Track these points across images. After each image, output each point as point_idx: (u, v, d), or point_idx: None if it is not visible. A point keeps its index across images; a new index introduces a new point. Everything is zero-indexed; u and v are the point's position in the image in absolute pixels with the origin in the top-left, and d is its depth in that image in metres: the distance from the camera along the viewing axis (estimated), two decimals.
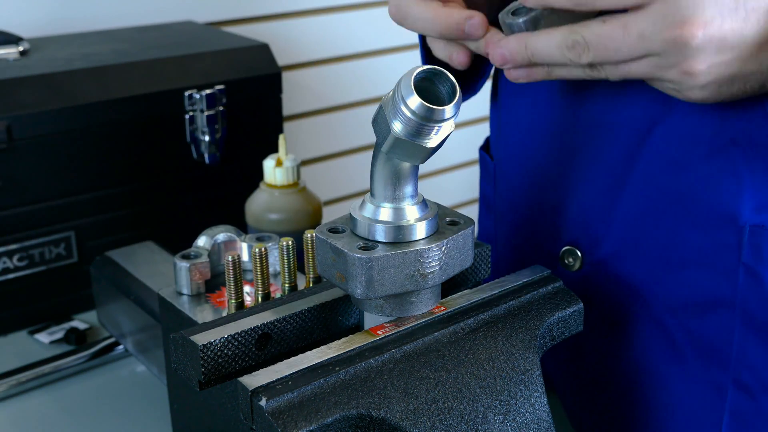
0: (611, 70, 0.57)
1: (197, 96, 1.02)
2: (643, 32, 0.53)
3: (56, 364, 0.88)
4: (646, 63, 0.55)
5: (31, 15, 1.19)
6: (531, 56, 0.59)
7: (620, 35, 0.54)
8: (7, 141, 0.92)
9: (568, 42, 0.56)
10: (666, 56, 0.54)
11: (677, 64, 0.54)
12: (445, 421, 0.53)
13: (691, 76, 0.54)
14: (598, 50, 0.55)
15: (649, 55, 0.54)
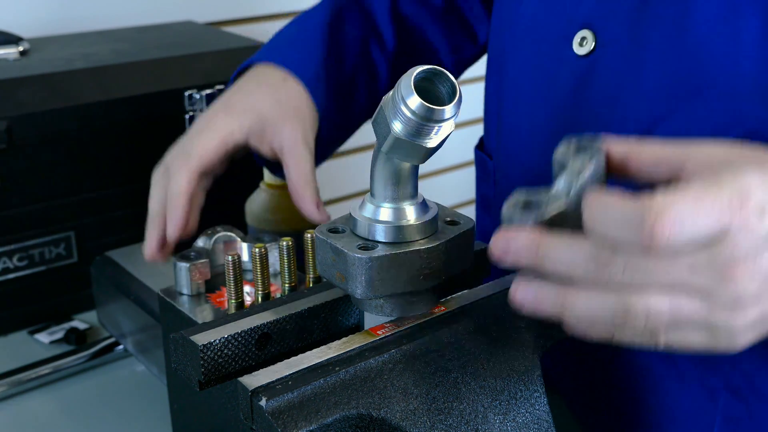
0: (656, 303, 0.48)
1: (197, 96, 1.02)
2: (696, 264, 0.47)
3: (56, 364, 0.88)
4: (697, 302, 0.48)
5: (31, 15, 1.19)
6: (543, 258, 0.49)
7: (668, 261, 0.47)
8: (7, 141, 0.92)
9: (602, 255, 0.47)
10: (719, 294, 0.47)
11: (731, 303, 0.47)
12: (445, 421, 0.53)
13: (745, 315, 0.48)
14: (636, 272, 0.47)
15: (694, 292, 0.47)
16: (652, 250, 0.46)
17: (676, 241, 0.46)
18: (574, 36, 0.67)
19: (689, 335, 0.49)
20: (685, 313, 0.48)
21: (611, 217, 0.47)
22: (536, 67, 0.72)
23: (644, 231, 0.45)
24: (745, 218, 0.46)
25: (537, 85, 0.72)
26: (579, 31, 0.67)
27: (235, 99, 0.81)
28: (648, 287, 0.47)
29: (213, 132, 0.78)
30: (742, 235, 0.46)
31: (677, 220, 0.45)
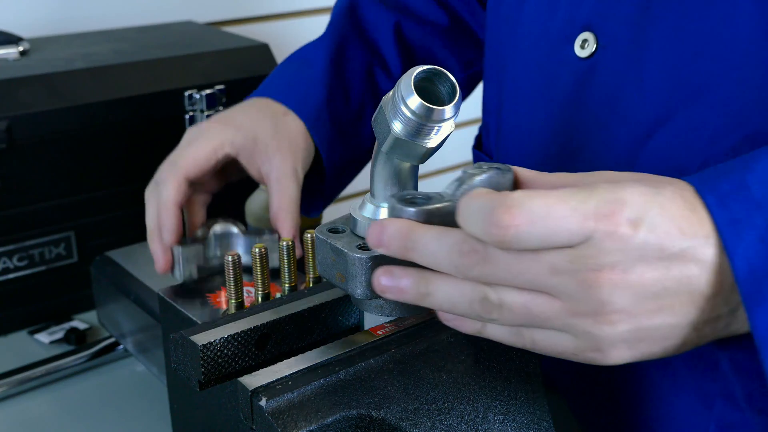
0: (510, 298, 0.48)
1: (197, 96, 1.02)
2: (556, 264, 0.47)
3: (56, 364, 0.88)
4: (555, 303, 0.48)
5: (31, 15, 1.19)
6: (410, 248, 0.50)
7: (529, 258, 0.47)
8: (7, 141, 0.91)
9: (465, 246, 0.48)
10: (578, 299, 0.47)
11: (591, 311, 0.47)
12: (445, 421, 0.53)
13: (609, 326, 0.47)
14: (497, 266, 0.47)
15: (557, 293, 0.47)
16: (499, 243, 0.46)
17: (525, 236, 0.46)
18: (576, 38, 0.67)
19: (554, 337, 0.49)
20: (539, 311, 0.48)
21: (471, 208, 0.47)
22: (537, 69, 0.72)
23: (491, 221, 0.46)
24: (613, 227, 0.46)
25: (537, 87, 0.72)
26: (580, 33, 0.67)
27: (234, 114, 0.82)
28: (505, 282, 0.48)
29: (204, 141, 0.79)
30: (609, 243, 0.46)
31: (528, 215, 0.46)
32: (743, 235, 0.46)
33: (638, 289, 0.47)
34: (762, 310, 0.46)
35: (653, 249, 0.46)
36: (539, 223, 0.46)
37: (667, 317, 0.48)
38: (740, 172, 0.48)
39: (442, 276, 0.49)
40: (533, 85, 0.73)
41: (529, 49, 0.73)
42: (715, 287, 0.48)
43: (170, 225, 0.76)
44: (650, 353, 0.49)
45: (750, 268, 0.46)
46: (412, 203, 0.51)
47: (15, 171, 0.93)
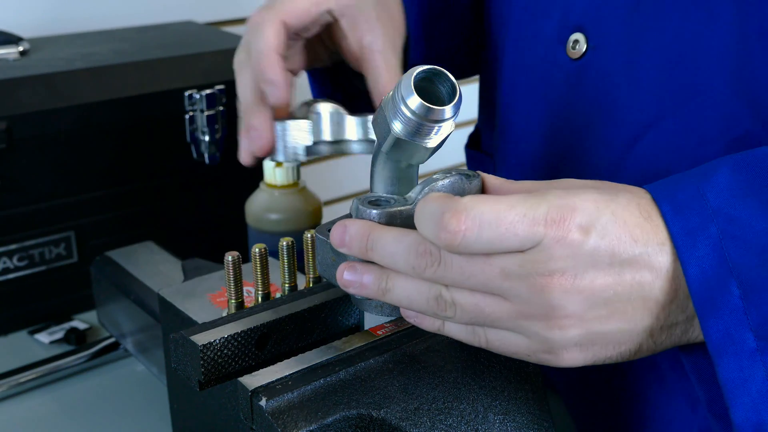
0: (462, 298, 0.49)
1: (197, 96, 1.02)
2: (507, 268, 0.47)
3: (56, 364, 0.88)
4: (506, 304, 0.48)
5: (31, 15, 1.19)
6: (370, 249, 0.51)
7: (481, 261, 0.48)
8: (7, 141, 0.91)
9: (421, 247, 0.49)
10: (528, 302, 0.48)
11: (542, 313, 0.48)
12: (445, 421, 0.53)
13: (559, 330, 0.48)
14: (450, 268, 0.48)
15: (508, 296, 0.48)
16: (448, 247, 0.47)
17: (473, 241, 0.46)
18: (567, 39, 0.68)
19: (507, 337, 0.50)
20: (490, 311, 0.49)
21: (424, 212, 0.48)
22: (529, 69, 0.72)
23: (440, 226, 0.47)
24: (562, 232, 0.46)
25: (531, 87, 0.72)
26: (572, 34, 0.67)
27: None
28: (458, 284, 0.49)
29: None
30: (559, 249, 0.46)
31: (475, 220, 0.46)
32: (698, 244, 0.47)
33: (589, 295, 0.47)
34: (715, 320, 0.47)
35: (604, 255, 0.47)
36: (487, 228, 0.46)
37: (620, 323, 0.48)
38: (697, 182, 0.48)
39: (401, 273, 0.51)
40: (526, 86, 0.73)
41: (522, 50, 0.73)
42: (670, 294, 0.48)
43: (276, 78, 0.64)
44: (605, 357, 0.50)
45: (703, 278, 0.47)
46: (376, 205, 0.53)
47: (15, 171, 0.93)
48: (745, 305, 0.46)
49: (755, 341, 0.46)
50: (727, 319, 0.47)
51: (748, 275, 0.46)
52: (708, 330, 0.47)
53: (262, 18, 0.65)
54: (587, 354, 0.49)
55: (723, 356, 0.47)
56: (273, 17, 0.65)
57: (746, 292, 0.46)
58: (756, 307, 0.46)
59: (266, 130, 0.65)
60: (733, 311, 0.47)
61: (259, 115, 0.65)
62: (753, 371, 0.47)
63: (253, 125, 0.66)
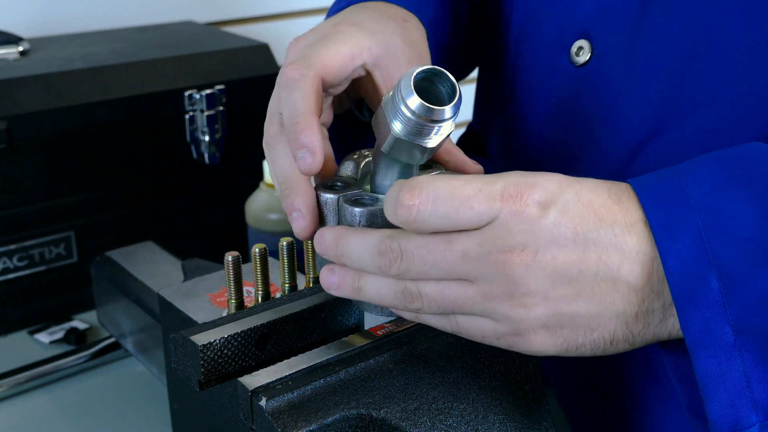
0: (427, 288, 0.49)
1: (197, 96, 1.02)
2: (468, 250, 0.47)
3: (56, 364, 0.88)
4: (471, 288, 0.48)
5: (31, 15, 1.19)
6: (341, 255, 0.52)
7: (441, 249, 0.48)
8: (7, 141, 0.91)
9: (382, 246, 0.50)
10: (492, 282, 0.47)
11: (506, 292, 0.47)
12: (445, 421, 0.53)
13: (524, 309, 0.47)
14: (412, 261, 0.48)
15: (472, 279, 0.48)
16: (404, 223, 0.48)
17: (428, 215, 0.47)
18: (571, 45, 0.67)
19: (476, 321, 0.50)
20: (455, 297, 0.49)
21: (387, 195, 0.49)
22: (532, 76, 0.72)
23: (397, 202, 0.48)
24: (519, 206, 0.46)
25: (534, 92, 0.72)
26: (576, 40, 0.67)
27: (362, 18, 0.65)
28: (422, 275, 0.49)
29: (341, 42, 0.61)
30: (516, 223, 0.46)
31: (430, 195, 0.47)
32: (678, 237, 0.46)
33: (552, 271, 0.47)
34: (693, 313, 0.46)
35: (566, 231, 0.46)
36: (442, 202, 0.47)
37: (588, 304, 0.47)
38: (680, 175, 0.48)
39: (369, 273, 0.52)
40: (528, 92, 0.73)
41: (525, 56, 0.73)
42: (642, 278, 0.47)
43: (315, 144, 0.55)
44: (576, 344, 0.49)
45: (683, 270, 0.46)
46: (360, 204, 0.53)
47: (15, 171, 0.93)
48: (724, 299, 0.46)
49: (733, 336, 0.46)
50: (706, 313, 0.46)
51: (729, 269, 0.46)
52: (686, 323, 0.46)
53: (297, 73, 0.58)
54: (557, 339, 0.48)
55: (700, 350, 0.46)
56: (309, 73, 0.58)
57: (726, 286, 0.46)
58: (736, 301, 0.46)
59: (310, 212, 0.56)
60: (712, 304, 0.46)
61: (302, 194, 0.56)
62: (730, 366, 0.46)
63: (294, 207, 0.56)
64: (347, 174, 0.58)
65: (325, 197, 0.55)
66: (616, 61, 0.64)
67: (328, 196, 0.55)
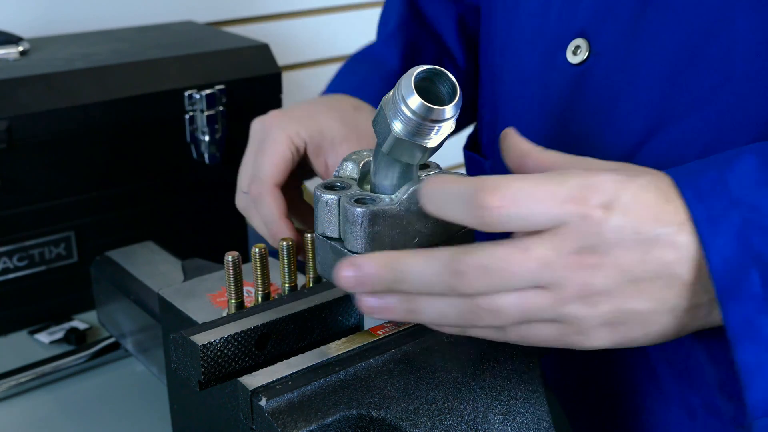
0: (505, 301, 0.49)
1: (197, 96, 1.02)
2: (545, 257, 0.47)
3: (56, 364, 0.88)
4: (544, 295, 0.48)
5: (31, 15, 1.19)
6: (398, 281, 0.50)
7: (520, 258, 0.48)
8: (7, 141, 0.91)
9: (457, 266, 0.48)
10: (565, 286, 0.48)
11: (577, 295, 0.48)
12: (445, 421, 0.53)
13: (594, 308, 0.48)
14: (492, 276, 0.48)
15: (546, 285, 0.48)
16: (483, 224, 0.48)
17: (507, 217, 0.47)
18: (569, 44, 0.67)
19: (538, 328, 0.50)
20: (534, 308, 0.49)
21: (446, 194, 0.49)
22: (530, 74, 0.72)
23: (476, 203, 0.47)
24: (586, 211, 0.47)
25: (531, 92, 0.72)
26: (573, 39, 0.67)
27: (296, 108, 0.79)
28: (503, 288, 0.48)
29: (272, 144, 0.75)
30: (585, 227, 0.47)
31: (509, 196, 0.47)
32: (719, 231, 0.47)
33: (618, 272, 0.48)
34: (735, 304, 0.47)
35: (629, 232, 0.47)
36: (522, 204, 0.47)
37: (648, 302, 0.49)
38: (720, 169, 0.49)
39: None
40: (526, 91, 0.73)
41: (522, 54, 0.73)
42: (693, 274, 0.48)
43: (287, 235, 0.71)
44: (631, 338, 0.50)
45: (725, 264, 0.47)
46: (362, 203, 0.53)
47: (15, 171, 0.93)
48: (765, 293, 0.47)
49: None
50: (747, 306, 0.47)
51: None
52: (727, 315, 0.47)
53: (257, 192, 0.74)
54: (615, 335, 0.50)
55: (741, 342, 0.47)
56: (266, 189, 0.73)
57: (767, 281, 0.47)
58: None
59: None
60: (753, 298, 0.47)
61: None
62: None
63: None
64: (347, 174, 0.59)
65: (325, 197, 0.55)
66: (614, 59, 0.64)
67: (328, 197, 0.55)
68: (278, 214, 0.72)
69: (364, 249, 0.53)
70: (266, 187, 0.74)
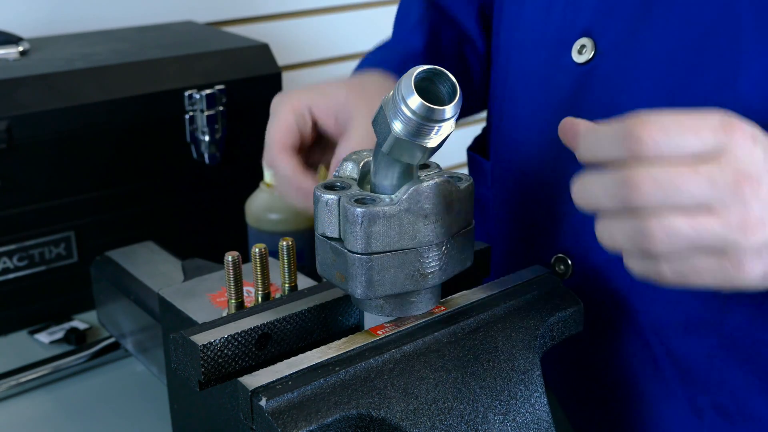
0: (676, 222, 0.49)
1: (197, 96, 1.02)
2: (714, 176, 0.48)
3: (56, 364, 0.88)
4: (712, 218, 0.49)
5: (31, 15, 1.19)
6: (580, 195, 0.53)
7: (689, 175, 0.48)
8: (7, 141, 0.91)
9: (625, 177, 0.49)
10: (731, 208, 0.49)
11: (742, 220, 0.49)
12: (445, 421, 0.53)
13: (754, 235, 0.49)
14: (662, 187, 0.48)
15: (714, 206, 0.49)
16: (638, 155, 0.49)
17: (663, 144, 0.48)
18: (574, 43, 0.67)
19: (700, 261, 0.50)
20: (704, 232, 0.49)
21: (600, 137, 0.50)
22: (535, 73, 0.72)
23: (630, 137, 0.49)
24: (741, 140, 0.49)
25: (535, 91, 0.72)
26: (579, 38, 0.67)
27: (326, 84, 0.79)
28: (669, 202, 0.49)
29: (277, 115, 0.76)
30: (741, 153, 0.49)
31: (661, 126, 0.49)
32: None
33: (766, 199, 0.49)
34: None
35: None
36: (674, 132, 0.48)
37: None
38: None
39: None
40: (531, 90, 0.73)
41: (528, 54, 0.73)
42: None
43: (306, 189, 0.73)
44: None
45: None
46: (361, 203, 0.53)
47: (15, 171, 0.93)
48: None
49: None
50: None
51: None
52: None
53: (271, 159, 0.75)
54: (763, 264, 0.50)
55: None
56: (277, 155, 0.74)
57: None
58: None
59: None
60: None
61: None
62: None
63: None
64: (347, 174, 0.59)
65: (325, 197, 0.55)
66: (619, 58, 0.64)
67: (328, 197, 0.55)
68: (292, 169, 0.73)
69: (364, 249, 0.53)
70: (274, 151, 0.74)
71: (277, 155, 0.74)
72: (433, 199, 0.54)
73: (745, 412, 0.64)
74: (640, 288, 0.66)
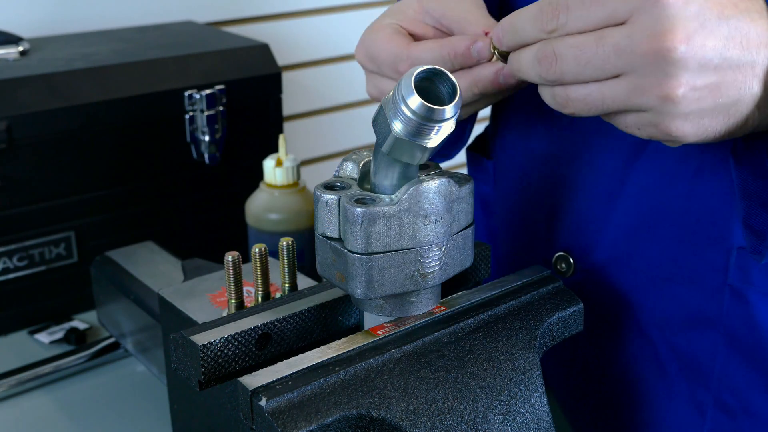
0: (578, 92, 0.51)
1: (197, 96, 1.02)
2: (619, 44, 0.48)
3: (56, 364, 0.88)
4: (620, 84, 0.50)
5: (31, 15, 1.19)
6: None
7: (593, 46, 0.49)
8: (7, 141, 0.92)
9: (540, 53, 0.52)
10: (643, 74, 0.48)
11: (656, 84, 0.48)
12: (445, 421, 0.53)
13: (672, 101, 0.48)
14: (567, 62, 0.50)
15: (623, 73, 0.49)
16: (562, 33, 0.50)
17: (582, 17, 0.49)
18: None
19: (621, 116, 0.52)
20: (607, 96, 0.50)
21: (521, 17, 0.53)
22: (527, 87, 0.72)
23: (548, 15, 0.51)
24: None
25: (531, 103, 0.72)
26: None
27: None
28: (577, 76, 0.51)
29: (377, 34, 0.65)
30: (661, 10, 0.47)
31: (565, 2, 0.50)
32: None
33: (700, 58, 0.48)
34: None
35: (710, 16, 0.47)
36: (590, 3, 0.49)
37: (730, 91, 0.49)
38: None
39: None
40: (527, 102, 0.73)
41: None
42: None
43: None
44: (714, 131, 0.50)
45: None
46: (361, 203, 0.53)
47: (15, 171, 0.93)
48: None
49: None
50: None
51: None
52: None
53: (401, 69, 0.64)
54: (697, 127, 0.50)
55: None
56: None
57: None
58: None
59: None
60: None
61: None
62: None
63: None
64: (347, 174, 0.59)
65: (325, 197, 0.55)
66: None
67: (328, 197, 0.55)
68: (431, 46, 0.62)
69: (364, 249, 0.53)
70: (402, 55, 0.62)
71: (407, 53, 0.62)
72: (433, 199, 0.54)
73: (747, 409, 0.64)
74: (642, 285, 0.66)
